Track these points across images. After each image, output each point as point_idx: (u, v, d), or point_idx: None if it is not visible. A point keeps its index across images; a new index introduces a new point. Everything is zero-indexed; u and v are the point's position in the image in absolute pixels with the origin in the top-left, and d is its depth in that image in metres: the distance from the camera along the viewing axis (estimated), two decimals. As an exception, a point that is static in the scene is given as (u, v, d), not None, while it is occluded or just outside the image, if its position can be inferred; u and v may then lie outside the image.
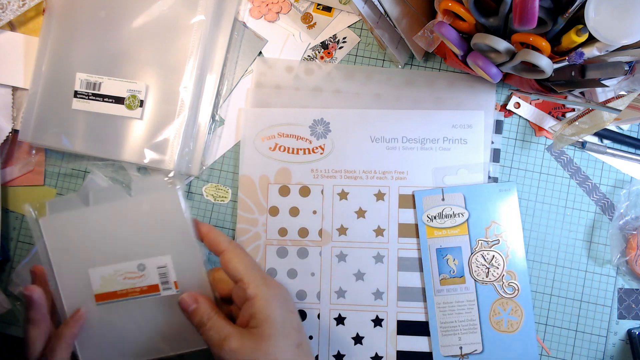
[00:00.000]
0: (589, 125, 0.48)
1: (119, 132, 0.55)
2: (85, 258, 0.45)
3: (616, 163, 0.55)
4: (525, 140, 0.55)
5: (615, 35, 0.37)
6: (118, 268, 0.45)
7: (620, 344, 0.53)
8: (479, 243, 0.53)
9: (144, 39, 0.55)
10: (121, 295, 0.46)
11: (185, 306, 0.43)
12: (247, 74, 0.57)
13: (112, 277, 0.45)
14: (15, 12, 0.56)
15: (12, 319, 0.57)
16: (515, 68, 0.44)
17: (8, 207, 0.58)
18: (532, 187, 0.55)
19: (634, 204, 0.53)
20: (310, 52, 0.57)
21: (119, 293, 0.46)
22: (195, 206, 0.57)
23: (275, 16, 0.58)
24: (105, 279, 0.45)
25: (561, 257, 0.54)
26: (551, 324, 0.54)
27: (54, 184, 0.58)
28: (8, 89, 0.57)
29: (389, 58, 0.56)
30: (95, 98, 0.55)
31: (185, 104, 0.54)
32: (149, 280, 0.45)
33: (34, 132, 0.55)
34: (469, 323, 0.52)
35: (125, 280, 0.45)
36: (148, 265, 0.45)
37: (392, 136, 0.55)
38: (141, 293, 0.46)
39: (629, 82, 0.45)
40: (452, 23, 0.44)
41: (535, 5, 0.36)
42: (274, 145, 0.56)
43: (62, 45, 0.56)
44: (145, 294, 0.46)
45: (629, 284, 0.54)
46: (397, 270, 0.54)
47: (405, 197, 0.54)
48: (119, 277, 0.45)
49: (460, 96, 0.55)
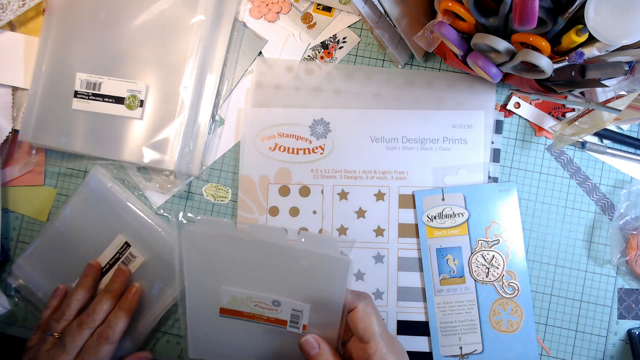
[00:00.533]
0: (589, 125, 0.48)
1: (119, 132, 0.55)
2: (221, 276, 0.45)
3: (616, 163, 0.55)
4: (525, 140, 0.55)
5: (615, 35, 0.37)
6: (252, 295, 0.45)
7: (620, 344, 0.53)
8: (479, 243, 0.53)
9: (144, 39, 0.55)
10: (246, 316, 0.46)
11: (309, 348, 0.43)
12: (247, 74, 0.57)
13: (244, 300, 0.45)
14: (15, 12, 0.56)
15: (12, 319, 0.57)
16: (515, 68, 0.44)
17: (8, 207, 0.58)
18: (532, 187, 0.55)
19: (634, 204, 0.53)
20: (310, 52, 0.57)
21: (245, 314, 0.46)
22: (195, 206, 0.57)
23: (275, 16, 0.58)
24: (235, 299, 0.45)
25: (561, 257, 0.54)
26: (551, 324, 0.54)
27: (54, 184, 0.58)
28: (8, 89, 0.57)
29: (389, 58, 0.56)
30: (95, 98, 0.55)
31: (185, 104, 0.54)
32: (280, 316, 0.45)
33: (34, 132, 0.55)
34: (469, 323, 0.52)
35: (256, 307, 0.45)
36: (283, 304, 0.45)
37: (392, 136, 0.55)
38: (267, 321, 0.46)
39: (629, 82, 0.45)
40: (452, 23, 0.44)
41: (535, 5, 0.36)
42: (274, 145, 0.56)
43: (62, 45, 0.56)
44: (271, 323, 0.46)
45: (629, 284, 0.54)
46: (397, 270, 0.54)
47: (405, 197, 0.54)
48: (250, 303, 0.45)
49: (460, 96, 0.55)
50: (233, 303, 0.45)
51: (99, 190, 0.55)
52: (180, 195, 0.57)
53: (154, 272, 0.54)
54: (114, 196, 0.55)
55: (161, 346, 0.56)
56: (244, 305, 0.45)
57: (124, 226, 0.54)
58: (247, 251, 0.44)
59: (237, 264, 0.44)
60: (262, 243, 0.43)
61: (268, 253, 0.44)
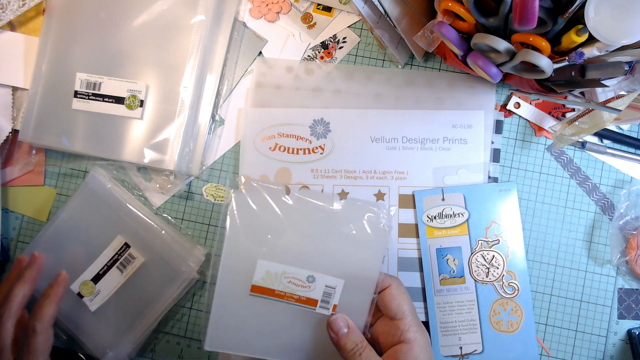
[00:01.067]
0: (589, 125, 0.48)
1: (119, 132, 0.55)
2: (260, 248, 0.45)
3: (616, 163, 0.55)
4: (525, 140, 0.55)
5: (615, 35, 0.37)
6: (288, 271, 0.45)
7: (620, 344, 0.53)
8: (479, 243, 0.53)
9: (144, 39, 0.55)
10: (277, 296, 0.46)
11: (337, 328, 0.43)
12: (247, 74, 0.57)
13: (278, 276, 0.45)
14: (15, 12, 0.56)
15: (12, 319, 0.57)
16: (515, 68, 0.44)
17: (8, 207, 0.58)
18: (532, 187, 0.55)
19: (634, 204, 0.53)
20: (310, 52, 0.57)
21: (276, 292, 0.46)
22: (195, 206, 0.57)
23: (275, 16, 0.58)
24: (270, 274, 0.45)
25: (561, 257, 0.54)
26: (551, 324, 0.54)
27: (54, 184, 0.58)
28: (8, 89, 0.57)
29: (389, 58, 0.56)
30: (96, 98, 0.55)
31: (186, 104, 0.54)
32: (311, 294, 0.45)
33: (34, 132, 0.55)
34: (469, 323, 0.52)
35: (289, 284, 0.45)
36: (318, 280, 0.45)
37: (392, 136, 0.55)
38: (297, 302, 0.46)
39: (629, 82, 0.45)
40: (452, 23, 0.44)
41: (535, 5, 0.36)
42: (274, 145, 0.56)
43: (62, 45, 0.56)
44: (301, 303, 0.46)
45: (629, 284, 0.54)
46: (397, 270, 0.54)
47: (405, 197, 0.54)
48: (285, 279, 0.45)
49: (460, 96, 0.55)
50: (267, 279, 0.45)
51: (98, 191, 0.55)
52: (180, 195, 0.57)
53: (154, 272, 0.54)
54: (114, 197, 0.55)
55: (161, 346, 0.56)
56: (277, 282, 0.45)
57: (123, 227, 0.54)
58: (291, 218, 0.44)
59: (278, 234, 0.45)
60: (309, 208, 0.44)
61: (312, 220, 0.44)
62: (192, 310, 0.56)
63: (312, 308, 0.46)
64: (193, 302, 0.56)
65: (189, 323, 0.56)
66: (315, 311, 0.46)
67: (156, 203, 0.57)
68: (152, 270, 0.54)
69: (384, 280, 0.45)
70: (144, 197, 0.57)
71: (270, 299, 0.46)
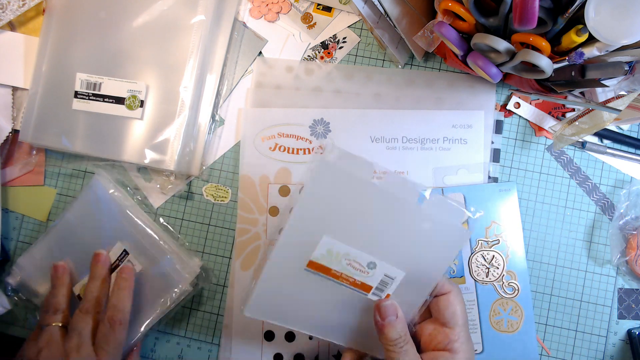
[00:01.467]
0: (589, 125, 0.48)
1: (119, 132, 0.55)
2: (327, 225, 0.42)
3: (616, 163, 0.55)
4: (525, 140, 0.55)
5: (615, 35, 0.37)
6: (351, 252, 0.43)
7: (620, 344, 0.53)
8: (479, 243, 0.53)
9: (144, 39, 0.55)
10: (333, 275, 0.44)
11: (388, 313, 0.43)
12: (247, 74, 0.57)
13: (339, 256, 0.43)
14: (15, 12, 0.56)
15: (12, 319, 0.57)
16: (515, 68, 0.44)
17: (8, 207, 0.58)
18: (532, 187, 0.55)
19: (634, 204, 0.53)
20: (310, 52, 0.57)
21: (332, 272, 0.44)
22: (195, 206, 0.57)
23: (275, 16, 0.58)
24: (331, 252, 0.43)
25: (561, 257, 0.54)
26: (551, 324, 0.54)
27: (54, 184, 0.58)
28: (8, 89, 0.57)
29: (389, 58, 0.56)
30: (96, 98, 0.55)
31: (186, 104, 0.54)
32: (368, 280, 0.44)
33: (34, 132, 0.55)
34: (469, 323, 0.52)
35: (348, 267, 0.43)
36: (378, 267, 0.43)
37: (392, 136, 0.55)
38: (351, 284, 0.44)
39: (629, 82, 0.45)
40: (452, 23, 0.44)
41: (535, 5, 0.36)
42: (274, 145, 0.56)
43: (62, 45, 0.56)
44: (354, 287, 0.44)
45: (629, 284, 0.54)
46: (397, 270, 0.54)
47: (405, 197, 0.54)
48: (344, 260, 0.43)
49: (460, 96, 0.55)
50: (326, 257, 0.43)
51: (101, 196, 0.54)
52: (180, 195, 0.57)
53: (150, 282, 0.53)
54: (116, 203, 0.54)
55: (161, 346, 0.56)
56: (336, 262, 0.43)
57: (123, 234, 0.54)
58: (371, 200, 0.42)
59: (352, 213, 0.42)
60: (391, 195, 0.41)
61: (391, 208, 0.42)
62: (192, 311, 0.56)
63: (365, 293, 0.44)
64: (193, 303, 0.56)
65: (189, 323, 0.56)
66: (367, 297, 0.44)
67: (156, 203, 0.57)
68: (148, 279, 0.53)
69: (444, 285, 0.44)
70: (145, 200, 0.56)
71: (324, 277, 0.44)
